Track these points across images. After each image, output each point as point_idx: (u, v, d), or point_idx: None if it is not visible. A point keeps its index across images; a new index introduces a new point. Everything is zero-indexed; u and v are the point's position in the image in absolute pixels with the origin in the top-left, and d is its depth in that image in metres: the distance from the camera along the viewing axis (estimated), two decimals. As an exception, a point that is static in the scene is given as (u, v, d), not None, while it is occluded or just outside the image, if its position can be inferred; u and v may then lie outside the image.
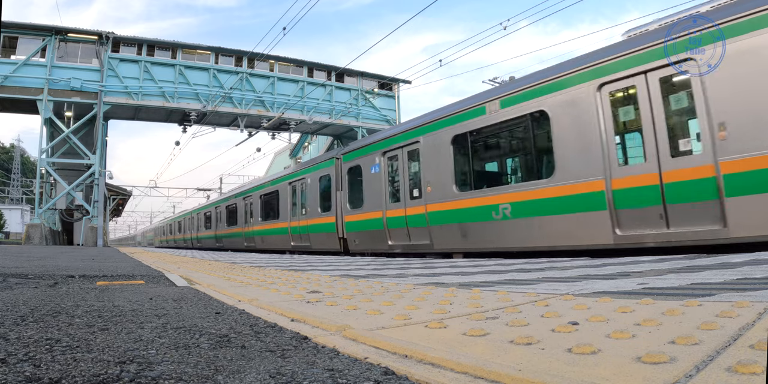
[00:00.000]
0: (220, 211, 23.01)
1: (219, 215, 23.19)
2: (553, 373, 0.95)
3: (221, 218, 22.78)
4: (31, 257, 7.57)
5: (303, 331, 1.57)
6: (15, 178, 76.05)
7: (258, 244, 17.68)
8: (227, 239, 21.63)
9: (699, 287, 2.19)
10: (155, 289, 3.09)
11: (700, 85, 5.22)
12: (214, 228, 23.93)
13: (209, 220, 25.27)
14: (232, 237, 20.81)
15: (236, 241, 20.21)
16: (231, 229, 21.02)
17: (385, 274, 4.04)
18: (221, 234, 22.71)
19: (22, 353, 1.23)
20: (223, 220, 22.50)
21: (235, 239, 20.33)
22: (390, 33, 13.57)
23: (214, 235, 23.95)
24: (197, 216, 28.22)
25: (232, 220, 20.91)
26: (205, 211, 26.36)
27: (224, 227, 22.11)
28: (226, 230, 21.61)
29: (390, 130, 11.33)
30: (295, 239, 14.56)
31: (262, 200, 17.41)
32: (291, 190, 15.02)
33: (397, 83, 26.83)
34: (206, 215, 26.10)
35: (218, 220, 23.21)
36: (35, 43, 20.16)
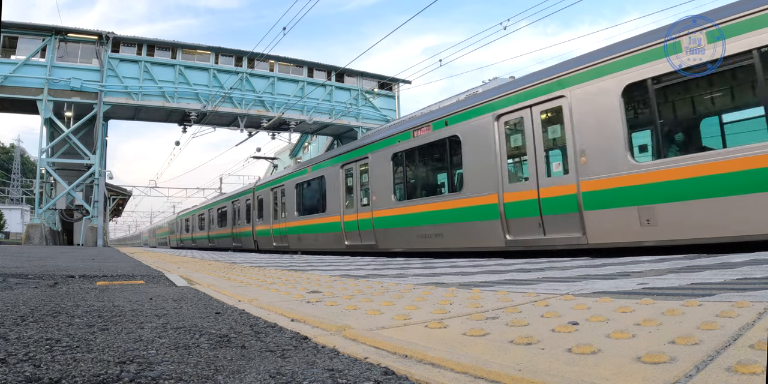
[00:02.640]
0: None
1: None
2: (553, 373, 0.95)
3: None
4: (31, 257, 7.57)
5: (303, 331, 1.57)
6: (15, 178, 76.06)
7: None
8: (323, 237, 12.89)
9: (699, 287, 2.19)
10: (155, 289, 3.09)
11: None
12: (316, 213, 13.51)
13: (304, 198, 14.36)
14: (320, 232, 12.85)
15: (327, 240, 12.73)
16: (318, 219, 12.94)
17: (385, 274, 4.04)
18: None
19: (22, 353, 1.23)
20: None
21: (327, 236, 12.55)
22: (390, 33, 13.57)
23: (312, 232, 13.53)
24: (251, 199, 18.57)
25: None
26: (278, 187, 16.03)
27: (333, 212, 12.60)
28: (316, 220, 12.98)
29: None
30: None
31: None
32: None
33: (397, 83, 26.83)
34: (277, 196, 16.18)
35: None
36: (35, 43, 20.16)
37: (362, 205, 11.31)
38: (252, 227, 18.13)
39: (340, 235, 11.69)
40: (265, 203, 16.83)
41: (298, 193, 14.11)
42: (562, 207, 6.47)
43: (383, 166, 10.25)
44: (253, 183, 20.32)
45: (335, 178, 12.07)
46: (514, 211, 7.15)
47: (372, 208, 10.65)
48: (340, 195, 12.08)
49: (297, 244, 14.22)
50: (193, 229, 30.04)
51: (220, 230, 23.44)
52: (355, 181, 11.92)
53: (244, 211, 19.54)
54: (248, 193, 19.18)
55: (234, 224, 20.97)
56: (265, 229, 16.62)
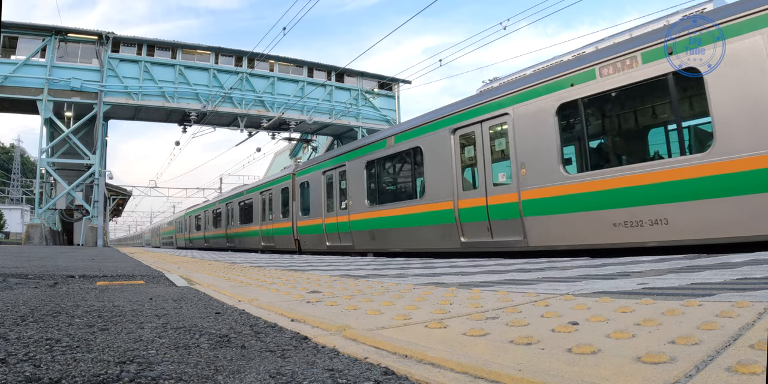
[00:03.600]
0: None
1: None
2: (553, 373, 0.95)
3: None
4: (31, 257, 7.57)
5: (303, 331, 1.57)
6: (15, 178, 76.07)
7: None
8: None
9: (699, 287, 2.19)
10: (155, 289, 3.09)
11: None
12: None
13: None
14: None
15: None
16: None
17: (385, 274, 4.04)
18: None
19: (22, 353, 1.23)
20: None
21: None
22: (390, 33, 13.58)
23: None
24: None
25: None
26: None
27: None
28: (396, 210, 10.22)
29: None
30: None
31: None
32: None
33: (397, 83, 26.84)
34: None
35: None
36: (35, 43, 20.16)
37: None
38: (292, 223, 14.47)
39: (450, 229, 8.25)
40: (312, 191, 13.27)
41: (370, 175, 10.82)
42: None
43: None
44: (290, 166, 16.91)
45: (441, 147, 8.54)
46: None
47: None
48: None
49: (367, 243, 10.70)
50: (206, 226, 26.18)
51: (242, 228, 19.72)
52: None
53: (278, 202, 15.81)
54: (285, 180, 15.49)
55: (263, 220, 17.33)
56: (313, 225, 13.15)
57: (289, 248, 14.96)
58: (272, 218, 16.44)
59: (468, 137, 8.42)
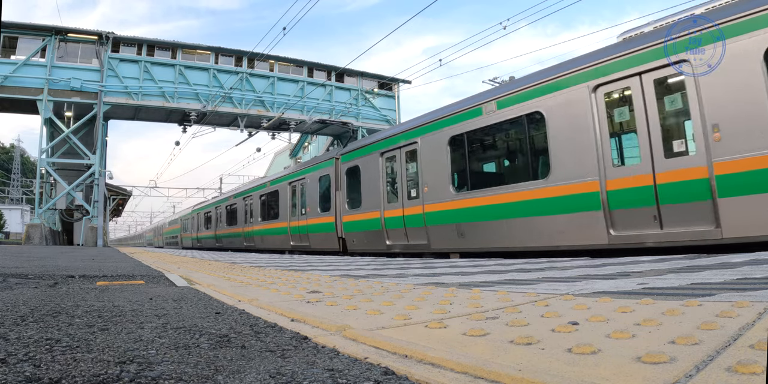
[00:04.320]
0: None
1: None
2: (553, 373, 0.95)
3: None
4: (31, 257, 7.57)
5: (303, 331, 1.57)
6: (15, 178, 76.09)
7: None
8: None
9: (699, 287, 2.19)
10: (155, 289, 3.09)
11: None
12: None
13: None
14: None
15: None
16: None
17: (385, 274, 4.04)
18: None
19: (22, 353, 1.23)
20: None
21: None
22: (389, 33, 13.59)
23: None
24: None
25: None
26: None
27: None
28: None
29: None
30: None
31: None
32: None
33: (397, 83, 26.84)
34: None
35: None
36: (35, 43, 20.16)
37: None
38: (335, 218, 12.05)
39: (592, 219, 6.27)
40: (365, 178, 10.89)
41: (456, 153, 8.51)
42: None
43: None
44: (333, 151, 14.14)
45: (575, 109, 6.53)
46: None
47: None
48: (595, 140, 6.23)
49: (450, 241, 8.47)
50: (218, 224, 23.62)
51: (265, 225, 17.09)
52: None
53: (314, 194, 13.30)
54: (324, 166, 12.87)
55: (293, 215, 14.64)
56: (367, 220, 10.74)
57: (329, 248, 12.37)
58: (306, 213, 13.63)
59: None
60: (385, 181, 10.36)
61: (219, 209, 23.67)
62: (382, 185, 10.35)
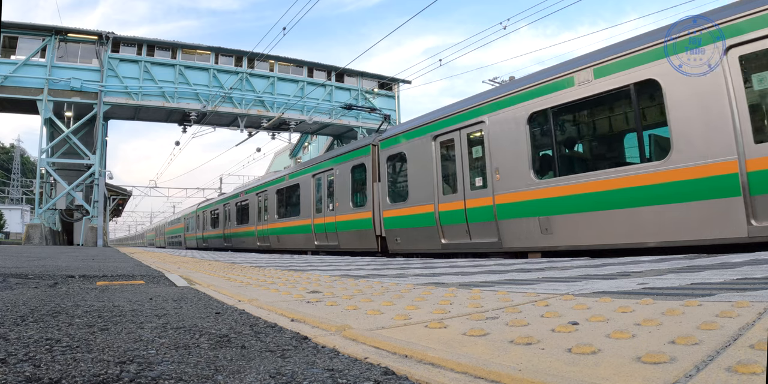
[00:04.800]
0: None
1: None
2: (553, 373, 0.95)
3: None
4: (31, 257, 7.57)
5: (303, 331, 1.57)
6: (15, 178, 76.13)
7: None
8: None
9: (699, 287, 2.19)
10: (155, 289, 3.09)
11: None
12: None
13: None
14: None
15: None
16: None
17: (385, 274, 4.04)
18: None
19: (22, 353, 1.23)
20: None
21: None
22: (389, 33, 13.60)
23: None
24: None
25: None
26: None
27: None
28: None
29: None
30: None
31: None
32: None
33: (396, 83, 26.85)
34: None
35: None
36: (35, 43, 20.17)
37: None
38: (373, 213, 10.41)
39: (729, 207, 5.33)
40: (413, 167, 9.39)
41: (538, 132, 7.27)
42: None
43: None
44: (368, 137, 12.38)
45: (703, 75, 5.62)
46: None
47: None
48: (731, 110, 5.29)
49: (530, 238, 7.17)
50: (227, 223, 21.80)
51: (282, 223, 15.29)
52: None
53: (345, 186, 11.64)
54: (359, 154, 11.19)
55: (319, 211, 12.94)
56: (415, 215, 9.24)
57: (365, 248, 10.83)
58: (334, 208, 12.09)
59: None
60: (439, 168, 8.82)
61: (228, 206, 21.78)
62: (435, 174, 8.83)
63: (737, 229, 5.12)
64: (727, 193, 5.18)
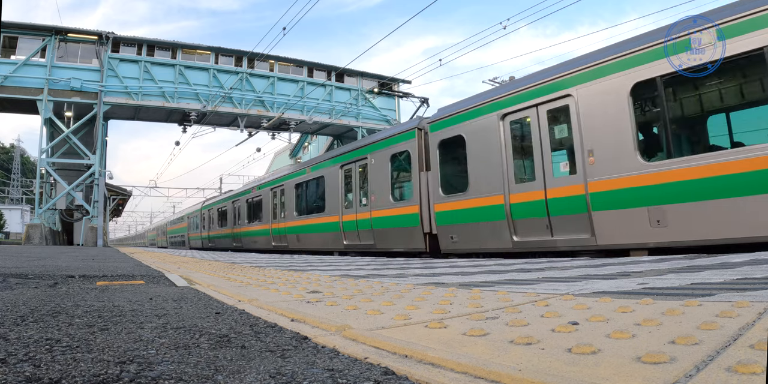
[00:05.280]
0: None
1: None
2: (553, 373, 0.95)
3: None
4: (31, 257, 7.57)
5: (303, 331, 1.57)
6: (15, 178, 76.14)
7: None
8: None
9: (699, 287, 2.19)
10: (155, 289, 3.09)
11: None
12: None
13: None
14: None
15: None
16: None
17: (385, 274, 4.04)
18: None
19: (22, 353, 1.23)
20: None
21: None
22: (389, 33, 13.59)
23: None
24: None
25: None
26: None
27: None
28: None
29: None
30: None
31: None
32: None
33: (397, 83, 26.84)
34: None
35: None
36: (35, 43, 20.17)
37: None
38: (420, 208, 9.15)
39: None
40: (474, 152, 8.10)
41: (644, 105, 6.30)
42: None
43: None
44: (413, 119, 10.68)
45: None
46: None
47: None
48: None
49: (639, 232, 6.03)
50: (236, 221, 20.24)
51: (302, 220, 13.85)
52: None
53: (383, 177, 10.30)
54: (400, 140, 9.87)
55: (348, 207, 11.66)
56: (478, 208, 7.96)
57: (408, 248, 9.48)
58: (368, 203, 10.69)
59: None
60: (510, 153, 7.50)
61: (237, 203, 20.14)
62: (504, 160, 7.49)
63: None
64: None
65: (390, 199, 10.07)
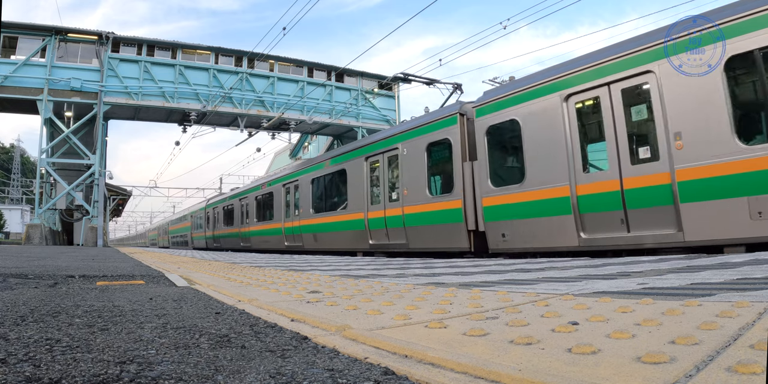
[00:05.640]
0: None
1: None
2: (553, 373, 0.95)
3: None
4: (31, 257, 7.57)
5: (303, 331, 1.57)
6: (15, 178, 76.14)
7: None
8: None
9: (699, 287, 2.19)
10: (155, 289, 3.09)
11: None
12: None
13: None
14: None
15: None
16: None
17: (385, 274, 4.04)
18: None
19: (22, 353, 1.23)
20: None
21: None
22: (389, 34, 13.58)
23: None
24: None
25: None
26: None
27: None
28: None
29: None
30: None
31: None
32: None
33: (397, 83, 26.84)
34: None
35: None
36: (35, 43, 20.17)
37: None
38: (464, 202, 8.19)
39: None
40: (526, 138, 7.25)
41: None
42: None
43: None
44: (452, 104, 9.38)
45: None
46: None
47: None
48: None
49: (743, 226, 5.24)
50: (244, 220, 19.07)
51: (319, 218, 12.87)
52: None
53: (419, 169, 9.25)
54: (438, 127, 8.86)
55: (374, 203, 10.70)
56: (537, 201, 7.07)
57: (449, 247, 8.47)
58: (399, 198, 9.74)
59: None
60: (576, 138, 6.62)
61: (245, 201, 18.97)
62: (569, 145, 6.61)
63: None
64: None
65: (426, 194, 9.00)
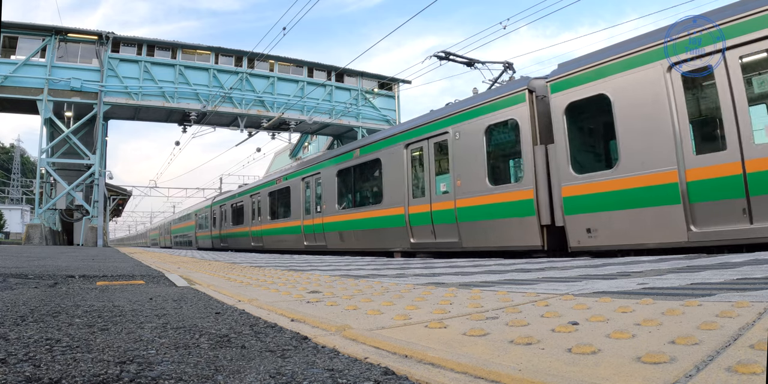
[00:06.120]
0: None
1: None
2: (553, 373, 0.95)
3: None
4: (31, 257, 7.57)
5: (303, 331, 1.57)
6: (15, 178, 76.13)
7: None
8: None
9: (699, 287, 2.19)
10: (155, 289, 3.09)
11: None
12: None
13: None
14: None
15: None
16: None
17: (385, 274, 4.04)
18: None
19: (22, 353, 1.23)
20: None
21: None
22: (389, 34, 13.57)
23: None
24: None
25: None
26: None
27: None
28: None
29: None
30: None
31: None
32: None
33: (397, 83, 26.84)
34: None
35: None
36: (35, 43, 20.17)
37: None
38: (536, 192, 7.03)
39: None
40: (619, 118, 6.12)
41: None
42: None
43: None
44: (518, 79, 8.17)
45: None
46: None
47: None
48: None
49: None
50: (256, 218, 17.59)
51: (347, 215, 11.64)
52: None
53: (475, 157, 8.10)
54: (500, 107, 7.62)
55: (419, 195, 9.40)
56: (631, 190, 5.96)
57: (515, 245, 7.31)
58: (449, 191, 8.54)
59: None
60: (682, 113, 5.56)
61: (257, 197, 17.50)
62: (675, 122, 5.59)
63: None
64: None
65: (486, 184, 7.76)
